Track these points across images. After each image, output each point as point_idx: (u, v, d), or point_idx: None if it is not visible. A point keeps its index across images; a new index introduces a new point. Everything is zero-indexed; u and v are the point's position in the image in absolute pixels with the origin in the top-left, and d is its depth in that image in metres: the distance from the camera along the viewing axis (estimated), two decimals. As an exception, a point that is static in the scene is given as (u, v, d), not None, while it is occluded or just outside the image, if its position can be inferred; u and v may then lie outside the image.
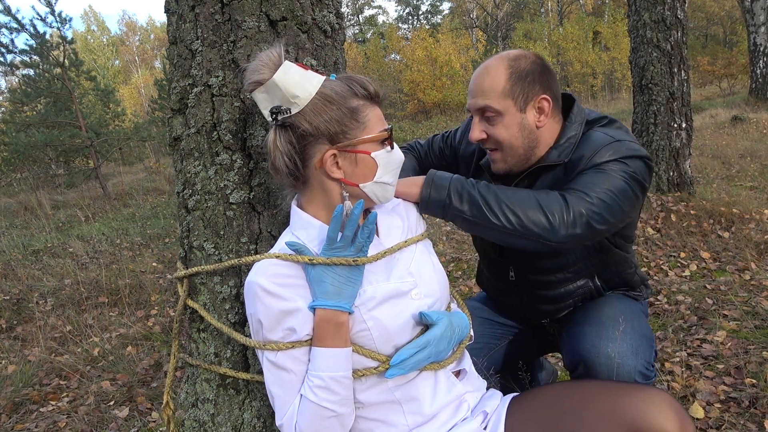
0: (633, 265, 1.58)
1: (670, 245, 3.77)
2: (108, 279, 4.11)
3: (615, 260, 1.53)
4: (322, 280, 1.01)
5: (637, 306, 1.55)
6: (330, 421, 1.00)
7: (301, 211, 1.11)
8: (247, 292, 1.04)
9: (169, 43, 1.36)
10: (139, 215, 7.66)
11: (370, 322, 1.05)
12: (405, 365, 1.05)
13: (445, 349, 1.11)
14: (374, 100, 1.09)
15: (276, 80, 1.02)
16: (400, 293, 1.09)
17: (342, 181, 1.06)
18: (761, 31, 11.94)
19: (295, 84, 1.02)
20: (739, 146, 7.44)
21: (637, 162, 1.34)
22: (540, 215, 1.24)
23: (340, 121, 1.03)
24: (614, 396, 1.05)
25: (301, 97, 1.02)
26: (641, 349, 1.36)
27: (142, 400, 2.46)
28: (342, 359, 1.01)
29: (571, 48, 24.35)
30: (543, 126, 1.42)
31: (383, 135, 1.08)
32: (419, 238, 1.21)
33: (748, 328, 2.49)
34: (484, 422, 1.13)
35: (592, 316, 1.46)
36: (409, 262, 1.15)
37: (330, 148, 1.04)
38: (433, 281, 1.16)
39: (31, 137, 9.94)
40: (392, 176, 1.11)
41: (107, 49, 40.62)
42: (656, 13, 4.54)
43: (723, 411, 1.91)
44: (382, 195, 1.11)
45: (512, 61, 1.40)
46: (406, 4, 41.12)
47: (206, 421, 1.32)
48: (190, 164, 1.29)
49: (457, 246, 4.44)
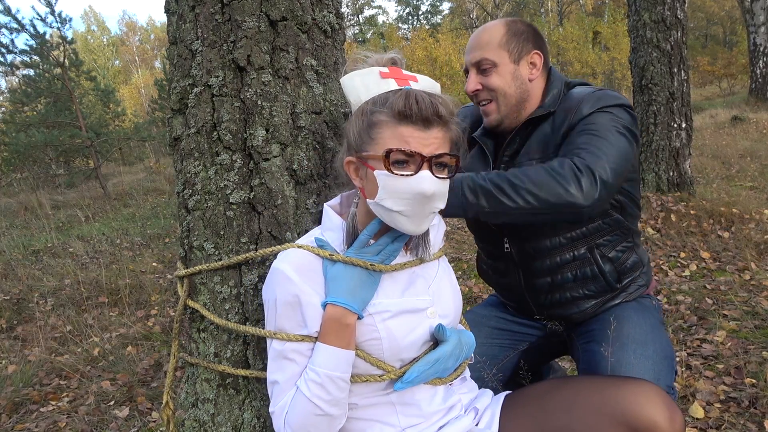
0: (633, 239, 1.54)
1: (670, 245, 3.77)
2: (108, 279, 4.11)
3: (612, 226, 1.49)
4: (338, 278, 1.02)
5: (656, 316, 1.50)
6: (318, 419, 1.00)
7: (334, 212, 1.13)
8: (270, 276, 1.06)
9: (169, 43, 1.36)
10: (139, 215, 7.66)
11: (383, 332, 1.05)
12: (415, 381, 1.06)
13: (451, 367, 1.11)
14: (402, 118, 0.98)
15: (341, 81, 1.10)
16: (417, 309, 1.09)
17: (360, 190, 1.08)
18: (761, 31, 11.94)
19: (352, 90, 1.08)
20: (739, 146, 7.45)
21: (622, 112, 1.40)
22: (556, 186, 1.24)
23: (358, 133, 1.05)
24: (603, 389, 1.05)
25: (353, 102, 1.09)
26: (663, 374, 1.33)
27: (142, 400, 2.46)
28: (342, 360, 1.01)
29: (571, 48, 24.34)
30: (534, 80, 1.50)
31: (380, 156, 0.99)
32: (439, 255, 1.21)
33: (748, 328, 2.49)
34: (476, 419, 1.15)
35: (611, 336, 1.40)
36: (430, 279, 1.15)
37: (350, 155, 1.07)
38: (449, 302, 1.17)
39: (31, 137, 9.94)
40: (401, 205, 0.99)
41: (107, 49, 40.63)
42: (656, 13, 4.54)
43: (723, 411, 1.91)
44: (390, 221, 1.02)
45: (509, 21, 1.52)
46: (406, 4, 41.11)
47: (206, 421, 1.32)
48: (190, 164, 1.29)
49: (457, 246, 4.44)
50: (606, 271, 1.49)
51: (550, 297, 1.55)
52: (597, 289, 1.51)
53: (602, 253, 1.49)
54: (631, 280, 1.53)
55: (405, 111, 0.98)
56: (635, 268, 1.53)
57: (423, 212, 1.01)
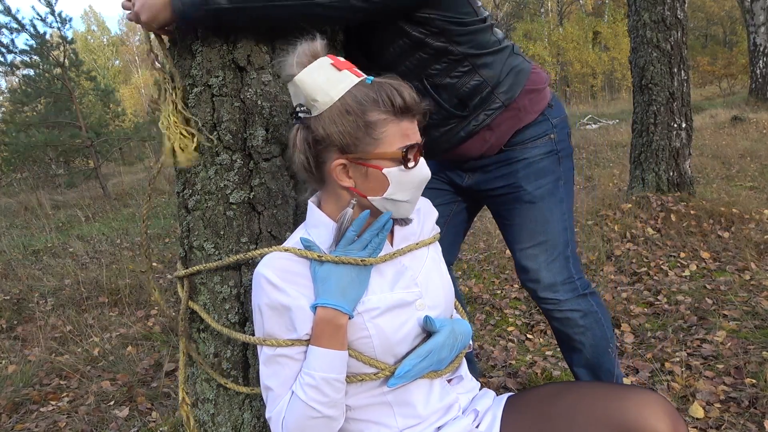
0: (470, 61, 1.40)
1: (670, 245, 3.77)
2: (108, 279, 4.11)
3: (437, 55, 1.37)
4: (327, 278, 1.01)
5: (549, 176, 1.52)
6: (316, 422, 0.99)
7: (317, 209, 1.10)
8: (254, 282, 1.05)
9: (170, 43, 1.36)
10: (139, 215, 7.66)
11: (372, 329, 1.04)
12: (408, 375, 1.05)
13: (446, 357, 1.10)
14: (403, 114, 1.01)
15: (298, 80, 1.01)
16: (405, 303, 1.08)
17: (351, 190, 1.05)
18: (761, 31, 11.94)
19: (316, 87, 1.00)
20: (739, 146, 7.45)
21: None
22: None
23: (353, 134, 1.00)
24: (606, 398, 1.04)
25: (321, 101, 1.00)
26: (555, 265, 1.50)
27: (142, 400, 2.46)
28: (336, 361, 1.00)
29: (571, 48, 24.36)
30: None
31: (398, 154, 1.01)
32: (430, 241, 1.20)
33: (748, 328, 2.49)
34: (476, 421, 1.13)
35: (516, 222, 1.54)
36: (417, 271, 1.13)
37: (340, 158, 1.02)
38: (439, 292, 1.15)
39: (31, 137, 9.94)
40: (409, 194, 1.05)
41: (107, 49, 40.61)
42: (656, 13, 4.53)
43: (723, 411, 1.91)
44: (395, 211, 1.06)
45: None
46: (406, 4, 41.02)
47: (206, 421, 1.32)
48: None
49: (457, 246, 4.44)
50: (443, 99, 1.43)
51: None
52: (440, 117, 1.45)
53: (433, 83, 1.41)
54: (477, 103, 1.44)
55: (404, 108, 1.00)
56: (477, 91, 1.43)
57: (420, 193, 1.10)
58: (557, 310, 1.58)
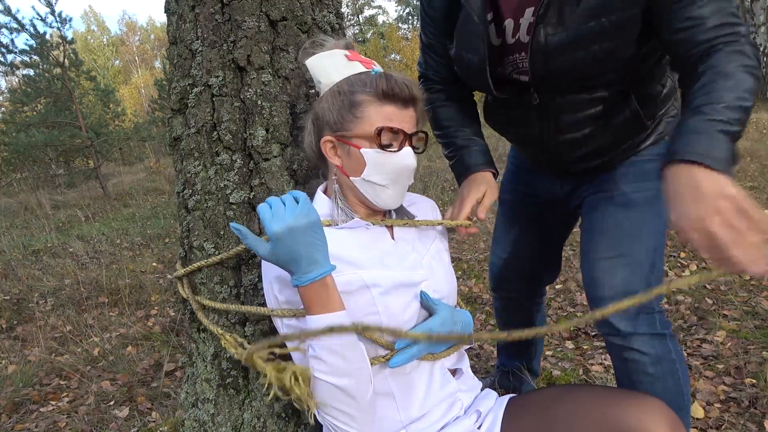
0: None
1: (670, 245, 3.77)
2: (108, 279, 4.11)
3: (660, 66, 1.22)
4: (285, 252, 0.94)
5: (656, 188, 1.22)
6: (333, 393, 0.96)
7: (323, 195, 1.17)
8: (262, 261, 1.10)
9: (169, 43, 1.36)
10: (139, 215, 7.66)
11: (381, 306, 1.04)
12: (407, 351, 1.04)
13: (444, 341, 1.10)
14: (386, 98, 1.05)
15: (309, 63, 1.12)
16: (412, 283, 1.09)
17: (338, 168, 1.11)
18: (761, 31, 11.95)
19: (321, 70, 1.11)
20: (739, 146, 7.43)
21: None
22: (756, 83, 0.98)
23: (339, 112, 1.07)
24: (606, 404, 1.04)
25: (324, 84, 1.11)
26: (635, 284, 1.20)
27: (142, 400, 2.46)
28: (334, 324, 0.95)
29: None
30: None
31: (371, 133, 1.05)
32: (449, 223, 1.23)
33: (748, 328, 2.49)
34: (478, 421, 1.14)
35: (608, 238, 1.25)
36: (421, 256, 1.15)
37: (329, 134, 1.09)
38: (442, 280, 1.16)
39: (31, 137, 9.93)
40: (386, 179, 1.08)
41: (107, 49, 40.65)
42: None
43: (723, 411, 1.91)
44: (373, 195, 1.09)
45: None
46: (406, 4, 41.14)
47: (206, 421, 1.32)
48: (190, 164, 1.29)
49: (456, 246, 4.44)
50: (642, 114, 1.24)
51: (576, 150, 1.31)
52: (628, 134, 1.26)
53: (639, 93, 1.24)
54: (664, 112, 1.28)
55: (388, 91, 1.05)
56: (670, 94, 1.27)
57: (404, 185, 1.12)
58: (624, 346, 1.28)
